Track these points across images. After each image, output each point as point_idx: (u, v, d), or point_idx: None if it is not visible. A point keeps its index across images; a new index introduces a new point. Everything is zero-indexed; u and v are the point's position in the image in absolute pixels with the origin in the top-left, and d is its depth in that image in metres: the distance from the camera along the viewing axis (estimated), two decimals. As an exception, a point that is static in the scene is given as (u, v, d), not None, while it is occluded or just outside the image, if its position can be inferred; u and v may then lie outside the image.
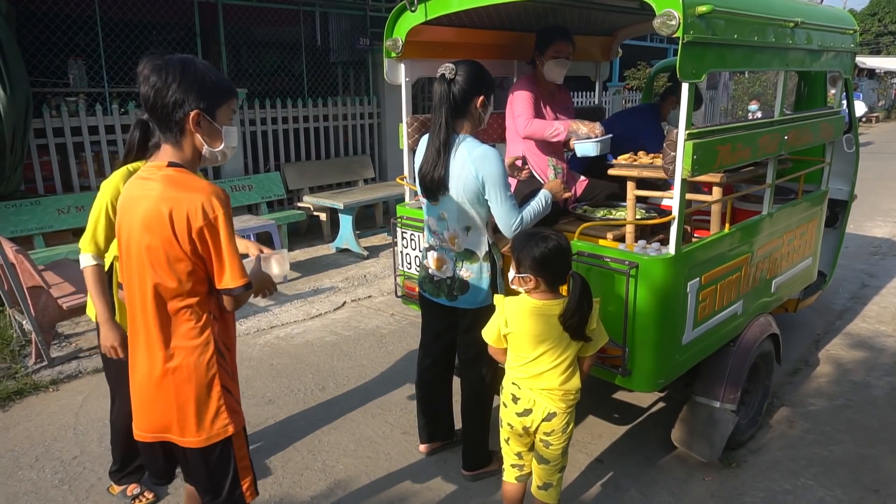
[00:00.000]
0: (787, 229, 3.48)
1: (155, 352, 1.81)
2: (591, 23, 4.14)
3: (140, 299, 1.80)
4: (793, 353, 4.25)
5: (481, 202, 2.58)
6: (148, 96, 1.71)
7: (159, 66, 1.69)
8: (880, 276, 5.93)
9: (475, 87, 2.58)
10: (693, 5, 2.28)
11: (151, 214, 1.71)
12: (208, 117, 1.75)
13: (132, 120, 6.19)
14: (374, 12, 8.39)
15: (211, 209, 1.69)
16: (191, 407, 1.82)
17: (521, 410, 2.32)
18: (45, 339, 4.14)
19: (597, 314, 2.28)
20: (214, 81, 1.75)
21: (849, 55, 3.70)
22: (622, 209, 3.42)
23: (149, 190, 1.73)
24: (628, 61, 14.66)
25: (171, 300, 1.77)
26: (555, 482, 2.41)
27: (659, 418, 3.43)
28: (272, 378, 4.02)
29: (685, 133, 2.41)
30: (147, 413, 1.88)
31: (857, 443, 3.28)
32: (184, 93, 1.69)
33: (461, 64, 2.58)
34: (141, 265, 1.77)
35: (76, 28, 6.10)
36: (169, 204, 1.69)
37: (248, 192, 6.89)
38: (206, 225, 1.68)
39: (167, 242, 1.70)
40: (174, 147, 1.77)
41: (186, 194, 1.69)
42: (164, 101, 1.70)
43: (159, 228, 1.70)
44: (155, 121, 1.76)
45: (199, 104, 1.72)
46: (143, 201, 1.73)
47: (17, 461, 3.16)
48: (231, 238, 1.74)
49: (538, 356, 2.26)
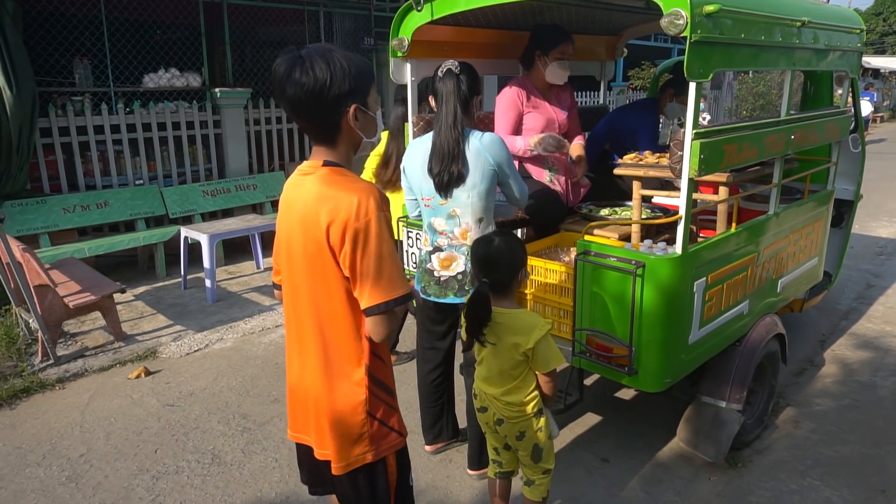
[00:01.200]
0: (794, 229, 3.47)
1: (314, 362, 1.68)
2: (596, 22, 4.13)
3: (299, 304, 1.68)
4: (798, 354, 4.25)
5: (493, 190, 2.65)
6: (299, 100, 1.52)
7: (300, 64, 1.51)
8: (886, 277, 5.92)
9: (476, 85, 2.66)
10: (700, 4, 2.28)
11: (308, 216, 1.57)
12: (363, 108, 1.60)
13: (137, 119, 6.22)
14: (378, 12, 8.40)
15: (366, 212, 1.51)
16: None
17: (479, 407, 2.35)
18: (52, 337, 4.15)
19: (547, 335, 2.17)
20: (360, 67, 1.57)
21: (855, 55, 3.69)
22: (627, 209, 3.42)
23: (306, 189, 1.60)
24: (633, 61, 14.66)
25: (325, 311, 1.63)
26: (537, 480, 2.38)
27: (665, 418, 3.43)
28: (277, 377, 4.03)
29: (692, 132, 2.41)
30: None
31: (864, 443, 3.28)
32: (339, 89, 1.52)
33: (462, 63, 2.66)
34: (301, 269, 1.64)
35: (82, 28, 6.12)
36: (323, 204, 1.54)
37: (252, 192, 6.91)
38: (358, 228, 1.51)
39: (320, 246, 1.56)
40: (329, 147, 1.62)
41: (342, 194, 1.53)
42: (320, 104, 1.53)
43: (314, 232, 1.56)
44: (306, 125, 1.60)
45: (356, 97, 1.56)
46: (300, 201, 1.60)
47: (23, 459, 3.17)
48: (388, 245, 1.55)
49: (480, 360, 2.28)
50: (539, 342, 2.14)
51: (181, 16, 7.17)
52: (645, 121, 4.17)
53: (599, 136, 4.38)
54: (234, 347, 4.49)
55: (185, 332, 4.73)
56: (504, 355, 2.20)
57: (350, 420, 1.66)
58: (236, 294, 5.56)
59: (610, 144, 4.34)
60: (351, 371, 1.65)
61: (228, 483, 2.98)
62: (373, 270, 1.53)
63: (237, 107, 6.91)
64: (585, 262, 2.71)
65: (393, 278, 1.55)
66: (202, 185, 6.63)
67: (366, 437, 1.67)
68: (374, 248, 1.53)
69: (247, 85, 7.40)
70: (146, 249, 6.11)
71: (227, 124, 6.87)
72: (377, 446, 1.70)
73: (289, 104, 1.55)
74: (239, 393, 3.83)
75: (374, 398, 1.67)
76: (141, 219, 6.04)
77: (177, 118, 6.55)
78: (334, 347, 1.65)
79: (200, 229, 5.39)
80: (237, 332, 4.74)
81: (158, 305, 5.28)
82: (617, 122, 4.33)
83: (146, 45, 6.82)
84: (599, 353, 2.77)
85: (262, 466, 3.10)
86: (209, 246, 5.20)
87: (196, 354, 4.38)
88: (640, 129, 4.12)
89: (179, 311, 5.13)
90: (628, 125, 4.21)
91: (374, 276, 1.54)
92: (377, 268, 1.53)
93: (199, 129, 6.72)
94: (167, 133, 6.50)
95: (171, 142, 6.55)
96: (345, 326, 1.63)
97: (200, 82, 6.96)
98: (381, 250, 1.53)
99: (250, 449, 3.25)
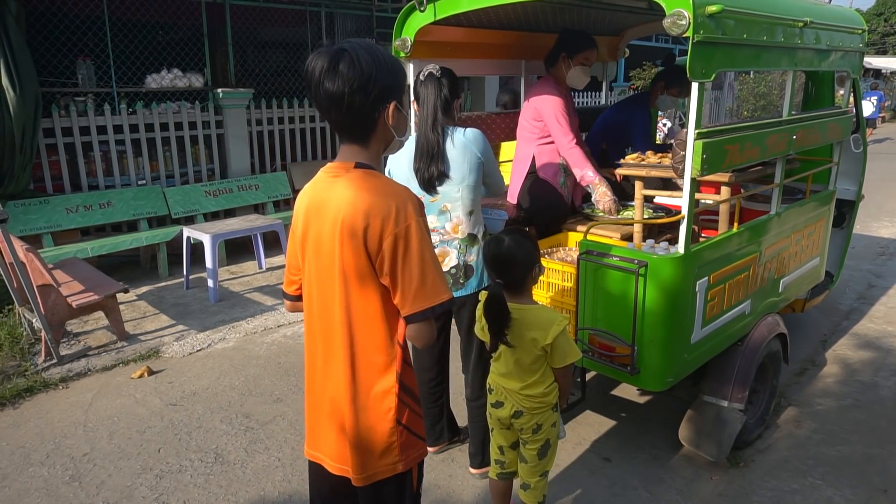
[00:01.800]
0: (795, 229, 3.48)
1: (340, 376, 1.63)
2: (598, 22, 4.14)
3: (327, 311, 1.62)
4: (800, 353, 4.25)
5: (480, 182, 2.72)
6: (341, 95, 1.46)
7: (344, 58, 1.46)
8: (887, 277, 5.92)
9: (457, 88, 2.75)
10: (703, 5, 2.29)
11: (343, 221, 1.50)
12: (400, 106, 1.56)
13: (139, 120, 6.24)
14: (380, 12, 8.42)
15: (405, 217, 1.48)
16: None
17: (494, 402, 2.35)
18: (55, 336, 4.16)
19: (564, 330, 2.20)
20: (399, 64, 1.54)
21: (857, 55, 3.70)
22: (630, 209, 3.43)
23: (338, 192, 1.53)
24: (634, 61, 14.66)
25: (359, 318, 1.58)
26: (533, 484, 2.39)
27: (666, 417, 3.43)
28: (280, 376, 4.03)
29: (695, 132, 2.41)
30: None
31: (866, 443, 3.28)
32: (384, 84, 1.49)
33: (443, 68, 2.73)
34: (332, 275, 1.57)
35: (84, 28, 6.13)
36: (360, 209, 1.49)
37: (254, 192, 6.92)
38: (398, 234, 1.48)
39: (356, 252, 1.51)
40: (361, 146, 1.57)
41: (380, 199, 1.49)
42: (364, 99, 1.48)
43: (350, 237, 1.50)
44: (343, 122, 1.53)
45: (395, 94, 1.53)
46: (332, 205, 1.54)
47: (27, 458, 3.18)
48: (430, 250, 1.52)
49: (498, 356, 2.29)
50: (558, 337, 2.16)
51: (183, 16, 7.18)
52: (636, 115, 4.19)
53: (596, 135, 4.40)
54: (236, 347, 4.50)
55: (188, 331, 4.74)
56: (523, 351, 2.22)
57: (379, 429, 1.61)
58: (238, 294, 5.57)
59: (607, 144, 4.36)
60: (382, 379, 1.60)
61: (231, 482, 2.98)
62: (416, 277, 1.50)
63: (239, 107, 6.92)
64: (588, 262, 2.72)
65: (436, 284, 1.52)
66: (204, 185, 6.64)
67: (395, 446, 1.62)
68: (416, 253, 1.49)
69: (249, 85, 7.41)
70: (149, 249, 6.12)
71: (229, 125, 6.89)
72: (406, 456, 1.65)
73: (328, 99, 1.48)
74: (241, 392, 3.84)
75: (402, 405, 1.63)
76: (143, 219, 6.05)
77: (179, 118, 6.56)
78: (365, 355, 1.60)
79: (203, 229, 5.41)
80: (239, 331, 4.75)
81: (161, 305, 5.29)
82: (610, 119, 4.36)
83: (149, 45, 6.83)
84: (602, 352, 2.77)
85: (265, 465, 3.11)
86: (211, 246, 5.21)
87: (198, 354, 4.39)
88: (632, 123, 4.14)
89: (182, 311, 5.14)
90: (620, 121, 4.23)
91: (417, 283, 1.50)
92: (420, 274, 1.50)
93: (201, 130, 6.74)
94: (169, 133, 6.51)
95: (173, 142, 6.56)
96: (379, 332, 1.59)
97: (203, 83, 6.97)
98: (423, 255, 1.50)
99: (253, 448, 3.26)
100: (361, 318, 1.58)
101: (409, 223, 1.48)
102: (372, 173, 1.56)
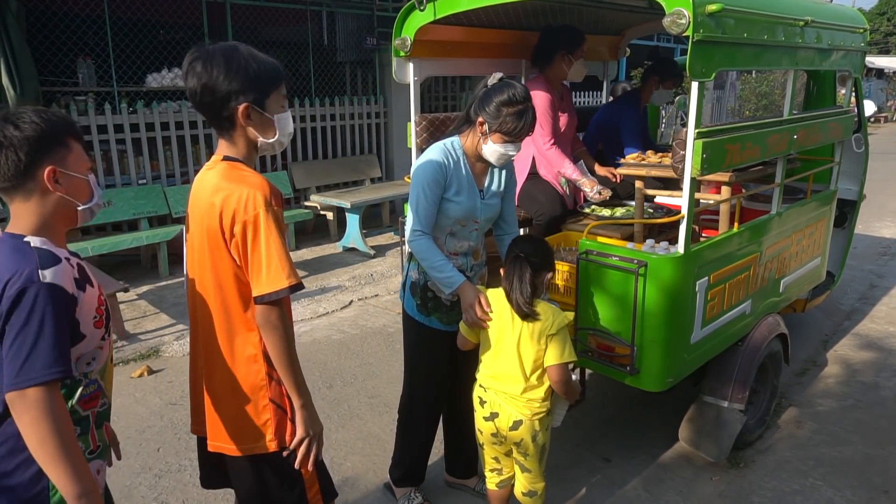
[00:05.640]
0: (796, 229, 3.47)
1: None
2: (599, 22, 4.13)
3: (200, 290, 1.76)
4: (801, 354, 4.24)
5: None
6: (195, 91, 1.63)
7: (202, 58, 1.61)
8: (889, 277, 5.90)
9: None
10: (703, 4, 2.28)
11: (206, 207, 1.67)
12: (258, 109, 1.67)
13: (140, 119, 6.24)
14: (381, 12, 8.41)
15: (253, 206, 1.60)
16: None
17: (487, 414, 2.31)
18: (55, 336, 4.16)
19: (567, 328, 2.23)
20: (260, 69, 1.65)
21: (859, 54, 3.69)
22: (629, 208, 3.42)
23: (207, 182, 1.70)
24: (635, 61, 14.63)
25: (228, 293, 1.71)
26: (539, 490, 2.39)
27: (666, 418, 3.43)
28: (280, 376, 4.03)
29: (695, 132, 2.40)
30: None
31: (866, 443, 3.27)
32: (229, 86, 1.61)
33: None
34: (202, 260, 1.72)
35: (85, 27, 6.13)
36: (219, 196, 1.64)
37: (255, 191, 6.90)
38: (247, 221, 1.61)
39: (215, 237, 1.66)
40: (228, 141, 1.72)
41: (234, 186, 1.63)
42: (212, 97, 1.62)
43: (209, 221, 1.65)
44: (205, 116, 1.69)
45: (248, 96, 1.64)
46: (201, 194, 1.70)
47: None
48: (275, 238, 1.62)
49: (497, 354, 2.27)
50: (561, 329, 2.20)
51: (184, 16, 7.18)
52: (625, 113, 4.18)
53: (592, 135, 4.40)
54: (236, 346, 4.49)
55: (188, 331, 4.73)
56: (529, 344, 2.23)
57: (249, 397, 1.74)
58: (239, 293, 5.56)
59: (602, 144, 4.36)
60: (245, 347, 1.72)
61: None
62: (262, 262, 1.62)
63: (240, 106, 6.91)
64: (588, 262, 2.71)
65: (279, 271, 1.62)
66: (205, 184, 6.63)
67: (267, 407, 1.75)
68: (263, 241, 1.61)
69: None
70: (149, 249, 6.12)
71: (229, 124, 6.88)
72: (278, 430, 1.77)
73: (189, 94, 1.65)
74: (241, 392, 3.83)
75: (270, 379, 1.75)
76: (144, 218, 6.05)
77: (180, 118, 6.56)
78: (230, 326, 1.72)
79: (203, 229, 5.39)
80: (240, 331, 4.74)
81: (161, 304, 5.29)
82: (602, 119, 4.36)
83: (149, 44, 6.83)
84: (601, 352, 2.77)
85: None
86: (212, 245, 5.20)
87: (199, 353, 4.39)
88: (621, 121, 4.14)
89: (182, 310, 5.14)
90: (611, 120, 4.23)
91: (263, 268, 1.62)
92: (266, 260, 1.61)
93: (201, 129, 6.74)
94: (170, 133, 6.51)
95: (174, 141, 6.56)
96: (239, 306, 1.71)
97: (203, 82, 6.97)
98: (269, 242, 1.61)
99: (252, 448, 3.25)
100: (230, 294, 1.70)
101: (257, 212, 1.60)
102: (235, 165, 1.70)
